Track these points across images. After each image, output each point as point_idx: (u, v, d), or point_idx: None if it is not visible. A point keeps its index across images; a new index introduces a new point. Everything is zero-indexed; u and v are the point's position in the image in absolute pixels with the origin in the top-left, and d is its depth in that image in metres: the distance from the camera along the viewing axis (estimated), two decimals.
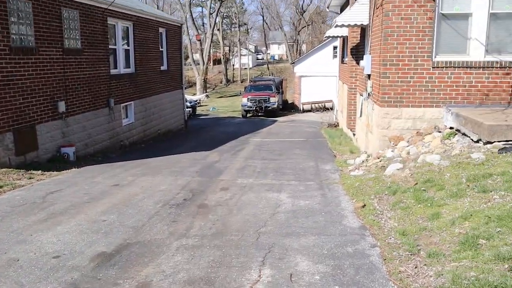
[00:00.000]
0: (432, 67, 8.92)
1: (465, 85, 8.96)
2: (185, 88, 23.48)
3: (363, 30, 12.91)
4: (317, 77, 33.79)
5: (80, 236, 5.32)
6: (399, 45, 8.89)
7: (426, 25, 8.79)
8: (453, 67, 8.90)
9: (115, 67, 14.49)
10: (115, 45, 14.53)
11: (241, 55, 69.12)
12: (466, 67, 8.89)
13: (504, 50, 8.88)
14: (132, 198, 7.09)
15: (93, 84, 12.76)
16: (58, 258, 4.65)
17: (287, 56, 69.95)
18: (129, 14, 15.22)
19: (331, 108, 29.68)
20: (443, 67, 8.91)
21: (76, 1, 11.79)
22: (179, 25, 21.94)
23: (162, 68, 19.06)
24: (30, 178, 8.53)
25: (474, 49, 8.91)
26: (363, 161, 9.52)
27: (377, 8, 9.62)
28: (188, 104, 27.81)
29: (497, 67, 8.84)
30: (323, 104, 32.36)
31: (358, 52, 13.75)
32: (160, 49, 18.85)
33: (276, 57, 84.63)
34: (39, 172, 9.10)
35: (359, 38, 13.58)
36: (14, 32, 9.34)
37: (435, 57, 8.92)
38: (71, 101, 11.61)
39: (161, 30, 18.80)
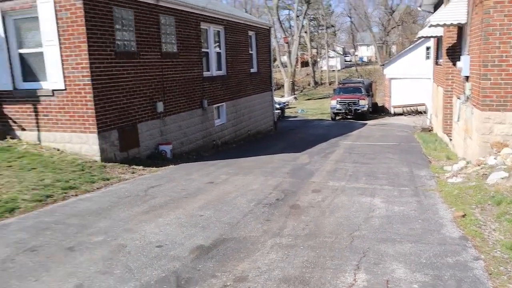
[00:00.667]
0: None
1: None
2: (274, 90, 23.76)
3: (460, 29, 12.18)
4: (409, 80, 32.44)
5: (180, 228, 5.64)
6: (501, 45, 8.24)
7: None
8: None
9: (208, 70, 15.10)
10: (208, 48, 15.14)
11: (328, 57, 68.41)
12: None
13: None
14: (226, 196, 7.35)
15: (187, 86, 13.42)
16: (160, 248, 4.97)
17: (376, 58, 67.97)
18: (220, 18, 15.77)
19: (424, 112, 28.30)
20: None
21: (172, 8, 12.48)
22: (268, 28, 22.27)
23: (252, 70, 19.49)
24: (133, 173, 9.19)
25: None
26: (461, 168, 8.98)
27: (476, 5, 9.03)
28: (277, 106, 28.14)
29: None
30: (415, 107, 31.00)
31: (454, 53, 12.99)
32: (250, 52, 19.29)
33: (365, 59, 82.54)
34: (141, 167, 9.78)
35: (455, 38, 12.83)
36: (118, 38, 10.14)
37: None
38: (168, 101, 12.31)
39: (250, 33, 19.23)
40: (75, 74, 9.41)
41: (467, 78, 10.08)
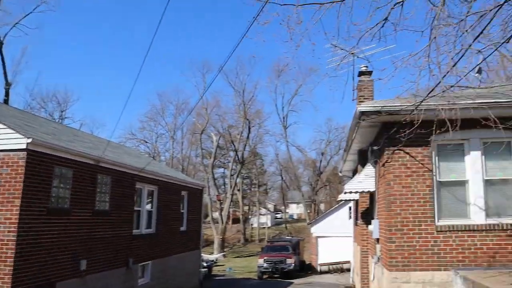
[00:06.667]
0: (436, 231, 9.32)
1: (471, 248, 9.24)
2: (203, 247, 23.88)
3: (372, 195, 13.72)
4: (334, 238, 33.89)
5: None
6: (402, 211, 9.46)
7: (426, 192, 9.45)
8: (457, 230, 9.28)
9: (137, 228, 15.29)
10: (140, 206, 15.57)
11: (259, 214, 70.37)
12: (469, 230, 9.27)
13: (503, 213, 9.34)
14: None
15: (115, 244, 13.42)
16: None
17: (305, 216, 70.77)
18: (155, 179, 16.59)
19: (348, 270, 29.14)
20: (446, 231, 9.30)
21: (110, 168, 13.17)
22: (201, 188, 23.36)
23: (182, 229, 19.81)
24: None
25: (474, 213, 9.39)
26: None
27: (380, 177, 10.53)
28: (204, 264, 27.79)
29: (499, 230, 9.20)
30: (340, 265, 31.85)
31: (367, 216, 14.35)
32: (181, 211, 19.87)
33: (295, 216, 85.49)
34: None
35: (368, 203, 14.32)
36: (53, 195, 10.44)
37: (438, 221, 9.36)
38: (92, 259, 12.14)
39: (183, 193, 20.06)
40: (1, 228, 9.34)
41: (377, 240, 11.10)
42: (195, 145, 63.64)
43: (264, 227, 67.89)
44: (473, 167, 9.45)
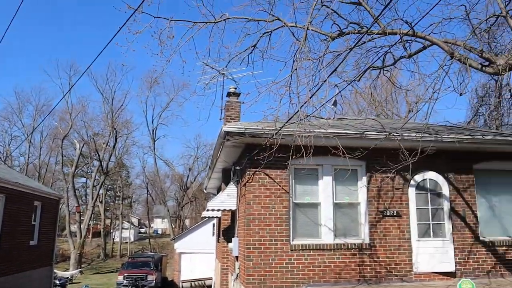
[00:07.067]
0: (291, 250, 9.84)
1: (320, 266, 9.93)
2: (58, 263, 22.04)
3: (233, 213, 14.03)
4: (198, 254, 33.79)
5: None
6: (260, 230, 9.82)
7: (283, 212, 9.96)
8: (309, 249, 9.92)
9: None
10: None
11: (122, 228, 67.33)
12: (320, 249, 9.98)
13: (348, 234, 10.26)
14: None
15: None
16: None
17: (170, 231, 69.66)
18: (2, 186, 14.87)
19: (210, 286, 29.28)
20: (300, 250, 9.89)
21: None
22: (58, 198, 21.58)
23: (32, 243, 18.02)
24: None
25: (325, 233, 10.15)
26: None
27: (241, 197, 10.83)
28: (57, 282, 25.60)
29: (345, 249, 10.06)
30: (203, 281, 31.84)
31: (229, 234, 14.62)
32: (33, 223, 18.07)
33: (159, 231, 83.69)
34: None
35: (229, 221, 14.61)
36: None
37: (292, 240, 9.91)
38: None
39: (36, 203, 18.32)
40: None
41: (237, 257, 11.33)
42: (55, 151, 58.83)
43: (126, 242, 65.05)
44: (325, 191, 10.23)
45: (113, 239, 68.60)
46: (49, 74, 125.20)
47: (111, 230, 69.23)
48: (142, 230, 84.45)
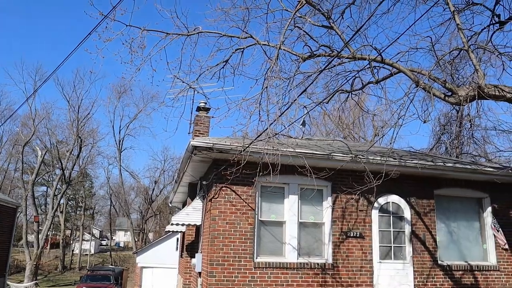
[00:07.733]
0: (254, 267, 9.80)
1: (283, 284, 9.91)
2: (12, 274, 21.09)
3: (198, 229, 13.90)
4: (160, 269, 33.17)
5: None
6: (224, 247, 9.76)
7: (248, 229, 9.94)
8: (272, 267, 9.90)
9: None
10: None
11: (83, 240, 65.37)
12: (283, 268, 9.97)
13: (312, 253, 10.33)
14: None
15: None
16: None
17: (132, 244, 68.13)
18: None
19: None
20: (263, 267, 9.86)
21: None
22: (15, 207, 20.85)
23: None
24: None
25: (289, 252, 10.17)
26: None
27: (207, 212, 10.76)
28: None
29: (308, 268, 10.10)
30: None
31: (192, 249, 14.44)
32: None
33: (122, 244, 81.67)
34: None
35: (194, 236, 14.45)
36: None
37: (256, 258, 9.89)
38: None
39: None
40: None
41: (199, 273, 11.20)
42: (15, 157, 56.86)
43: (87, 254, 63.14)
44: (291, 209, 10.30)
45: (73, 250, 66.42)
46: (13, 78, 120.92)
47: (71, 241, 67.10)
48: (104, 243, 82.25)
